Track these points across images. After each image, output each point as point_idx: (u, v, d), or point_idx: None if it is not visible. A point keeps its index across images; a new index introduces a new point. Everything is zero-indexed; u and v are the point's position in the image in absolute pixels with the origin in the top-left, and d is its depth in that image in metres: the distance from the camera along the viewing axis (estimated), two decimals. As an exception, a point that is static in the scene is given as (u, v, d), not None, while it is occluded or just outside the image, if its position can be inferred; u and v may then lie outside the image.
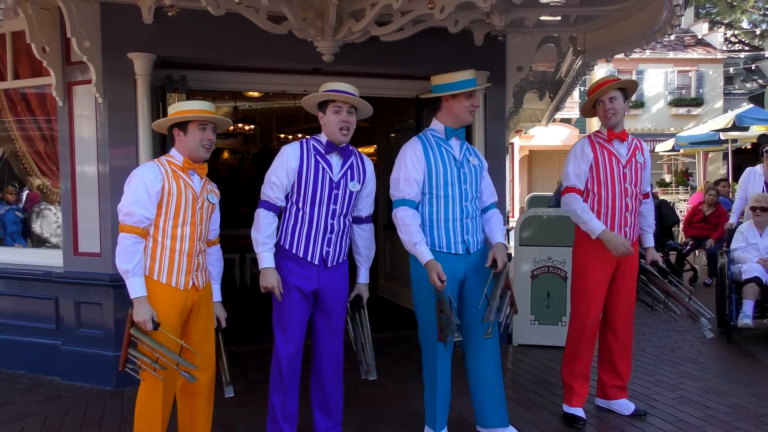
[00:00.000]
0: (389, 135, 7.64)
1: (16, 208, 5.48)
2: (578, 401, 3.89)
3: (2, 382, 4.78)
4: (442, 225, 3.37)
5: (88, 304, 4.73)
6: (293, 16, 4.28)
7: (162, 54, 4.64)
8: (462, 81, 3.37)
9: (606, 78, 3.95)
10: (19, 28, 4.72)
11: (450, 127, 3.44)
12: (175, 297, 2.98)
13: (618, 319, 3.91)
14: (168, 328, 2.93)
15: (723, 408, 4.10)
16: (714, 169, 21.43)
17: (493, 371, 3.50)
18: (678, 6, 4.00)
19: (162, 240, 2.97)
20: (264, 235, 3.22)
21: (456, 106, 3.41)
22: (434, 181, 3.35)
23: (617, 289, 3.86)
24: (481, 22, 4.85)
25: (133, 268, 2.88)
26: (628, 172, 3.78)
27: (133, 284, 2.88)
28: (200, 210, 3.07)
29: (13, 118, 5.28)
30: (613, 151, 3.79)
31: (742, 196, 7.03)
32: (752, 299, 5.54)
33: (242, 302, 7.90)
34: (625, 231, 3.78)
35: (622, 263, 3.81)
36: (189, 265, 3.02)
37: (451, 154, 3.41)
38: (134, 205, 2.89)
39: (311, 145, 3.28)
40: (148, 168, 2.99)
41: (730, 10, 28.65)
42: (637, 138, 3.95)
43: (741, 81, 27.53)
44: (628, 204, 3.78)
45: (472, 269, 3.43)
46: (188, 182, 3.03)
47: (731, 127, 11.18)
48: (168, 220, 2.97)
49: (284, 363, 3.28)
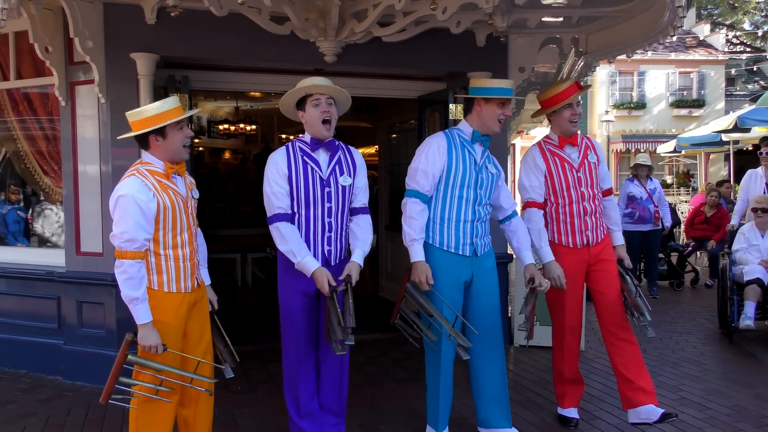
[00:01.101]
0: (391, 136, 7.65)
1: (18, 208, 5.49)
2: (570, 402, 3.90)
3: (4, 381, 4.78)
4: (453, 225, 3.39)
5: (90, 304, 4.74)
6: (296, 16, 4.28)
7: (165, 54, 4.64)
8: (497, 88, 3.42)
9: (569, 82, 3.82)
10: (22, 28, 4.73)
11: (477, 131, 3.45)
12: (184, 301, 2.96)
13: (605, 319, 3.80)
14: (176, 333, 2.91)
15: (724, 409, 4.10)
16: (715, 170, 21.40)
17: (498, 371, 3.52)
18: (681, 7, 3.99)
19: (165, 252, 2.90)
20: (295, 242, 3.14)
21: (487, 111, 3.42)
22: (452, 180, 3.37)
23: (599, 288, 3.80)
24: (483, 23, 4.84)
25: (142, 295, 2.79)
26: (583, 175, 3.75)
27: (140, 311, 2.78)
28: (192, 212, 3.05)
29: (15, 118, 5.29)
30: (565, 157, 3.76)
31: (743, 198, 7.02)
32: (754, 301, 5.53)
33: (243, 302, 7.90)
34: (586, 235, 3.76)
35: (595, 262, 3.78)
36: (192, 267, 3.02)
37: (473, 157, 3.42)
38: (136, 230, 2.76)
39: (297, 146, 3.25)
40: (137, 187, 2.80)
41: (732, 11, 28.63)
42: (587, 137, 3.93)
43: (743, 82, 27.50)
44: (587, 207, 3.75)
45: (479, 272, 3.46)
46: (175, 189, 2.95)
47: (733, 128, 11.15)
48: (167, 233, 2.90)
49: (296, 367, 3.27)
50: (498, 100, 3.39)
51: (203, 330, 3.11)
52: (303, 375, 3.31)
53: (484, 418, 3.56)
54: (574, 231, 3.76)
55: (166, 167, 2.94)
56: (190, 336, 3.05)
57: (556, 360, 3.93)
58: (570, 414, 3.87)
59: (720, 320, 6.14)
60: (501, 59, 5.41)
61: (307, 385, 3.33)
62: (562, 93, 3.73)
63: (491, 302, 3.50)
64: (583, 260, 3.79)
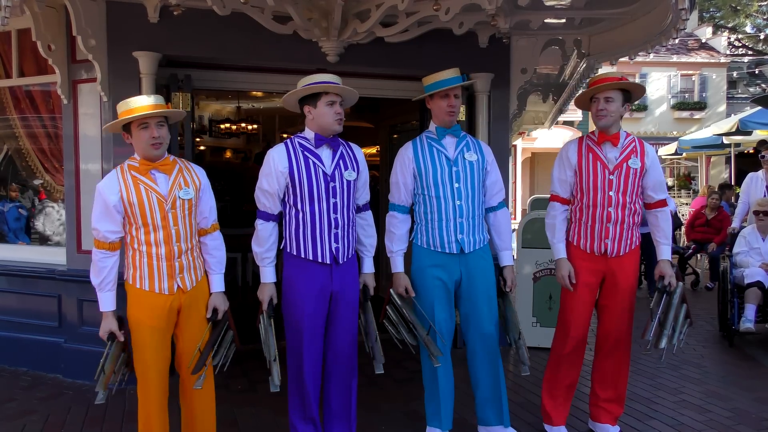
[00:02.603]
0: (392, 136, 7.64)
1: (19, 205, 5.49)
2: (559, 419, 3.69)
3: (4, 379, 4.79)
4: (435, 225, 3.40)
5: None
6: (298, 16, 4.28)
7: (167, 53, 4.64)
8: (435, 82, 3.40)
9: (609, 74, 3.55)
10: (24, 25, 4.73)
11: (441, 127, 3.45)
12: (158, 302, 2.93)
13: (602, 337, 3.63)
14: (154, 332, 2.92)
15: (724, 412, 4.09)
16: (716, 173, 21.39)
17: (493, 371, 3.50)
18: (684, 10, 3.98)
19: (139, 248, 2.92)
20: (264, 249, 3.18)
21: (434, 106, 3.45)
22: (424, 182, 3.40)
23: (604, 303, 3.59)
24: (486, 24, 4.85)
25: (100, 283, 2.91)
26: (615, 179, 3.43)
27: (101, 299, 2.93)
28: (172, 211, 2.92)
29: (17, 116, 5.30)
30: (600, 155, 3.47)
31: (744, 201, 7.04)
32: (754, 303, 5.53)
33: (244, 301, 7.89)
34: (605, 243, 3.47)
35: (609, 275, 3.53)
36: (170, 269, 2.93)
37: (443, 153, 3.41)
38: (96, 221, 2.90)
39: (296, 143, 3.19)
40: (107, 181, 2.92)
41: (734, 14, 28.62)
42: (639, 140, 3.56)
43: (744, 85, 27.52)
44: (611, 214, 3.44)
45: (470, 271, 3.43)
46: (150, 185, 2.89)
47: (734, 131, 11.16)
48: (138, 229, 2.89)
49: (307, 371, 3.20)
50: (439, 94, 3.39)
51: (195, 339, 3.04)
52: (310, 380, 3.23)
53: (481, 416, 3.58)
54: (593, 236, 3.49)
55: (141, 163, 2.92)
56: (181, 344, 3.05)
57: (550, 369, 3.69)
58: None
59: (720, 323, 6.13)
60: (503, 61, 5.42)
61: (314, 390, 3.26)
62: (593, 82, 3.50)
63: (484, 302, 3.44)
64: (598, 269, 3.52)
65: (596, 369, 3.72)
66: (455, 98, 3.40)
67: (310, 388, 3.23)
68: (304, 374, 3.20)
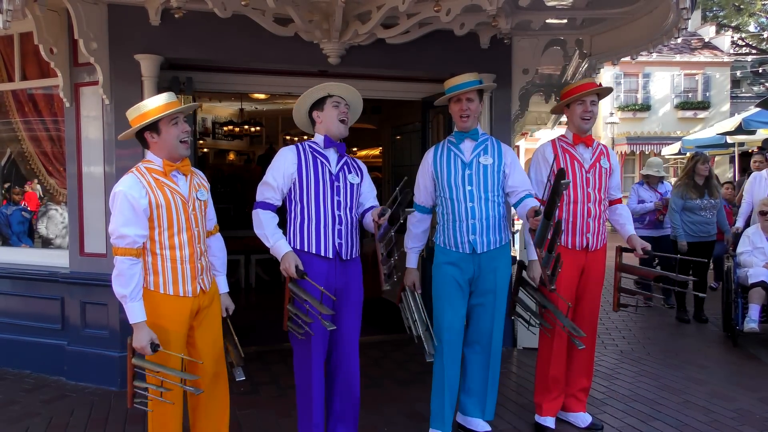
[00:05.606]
0: (395, 137, 7.65)
1: (22, 208, 5.51)
2: (549, 410, 3.82)
3: (8, 381, 4.80)
4: (450, 225, 3.52)
5: (94, 305, 4.75)
6: (299, 18, 4.29)
7: (169, 55, 4.65)
8: (448, 87, 3.54)
9: (588, 80, 3.91)
10: (26, 29, 4.74)
11: (459, 132, 3.55)
12: (183, 306, 2.89)
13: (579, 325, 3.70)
14: (177, 338, 2.86)
15: (728, 413, 4.08)
16: (721, 172, 21.32)
17: (483, 365, 3.60)
18: (685, 9, 3.98)
19: (161, 252, 2.85)
20: (271, 228, 3.20)
21: (451, 111, 3.57)
22: (440, 185, 3.54)
23: (580, 295, 3.76)
24: (487, 25, 4.85)
25: (131, 293, 2.73)
26: (591, 177, 3.69)
27: (132, 309, 2.74)
28: (193, 213, 2.92)
29: (20, 119, 5.31)
30: (576, 155, 3.72)
31: (748, 201, 7.01)
32: (758, 303, 5.51)
33: (247, 303, 7.91)
34: (587, 238, 3.70)
35: (587, 269, 3.73)
36: (193, 270, 2.92)
37: (459, 157, 3.50)
38: (124, 226, 2.74)
39: (306, 146, 3.30)
40: (130, 183, 2.78)
41: (737, 13, 28.54)
42: (603, 144, 3.88)
43: (748, 84, 27.44)
44: (591, 209, 3.69)
45: (483, 270, 3.50)
46: (174, 188, 2.88)
47: (738, 130, 11.12)
48: (163, 232, 2.84)
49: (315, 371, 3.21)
50: (453, 99, 3.49)
51: (215, 339, 3.05)
52: (317, 386, 3.24)
53: (462, 404, 3.72)
54: (575, 231, 3.70)
55: (165, 165, 2.89)
56: (200, 345, 2.99)
57: (541, 364, 3.83)
58: (547, 423, 3.79)
59: (724, 323, 6.11)
60: (505, 61, 5.41)
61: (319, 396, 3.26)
62: (576, 88, 3.74)
63: (489, 300, 3.53)
64: (578, 264, 3.72)
65: (572, 360, 3.84)
66: (467, 101, 3.47)
67: (315, 393, 3.24)
68: (312, 381, 3.21)
